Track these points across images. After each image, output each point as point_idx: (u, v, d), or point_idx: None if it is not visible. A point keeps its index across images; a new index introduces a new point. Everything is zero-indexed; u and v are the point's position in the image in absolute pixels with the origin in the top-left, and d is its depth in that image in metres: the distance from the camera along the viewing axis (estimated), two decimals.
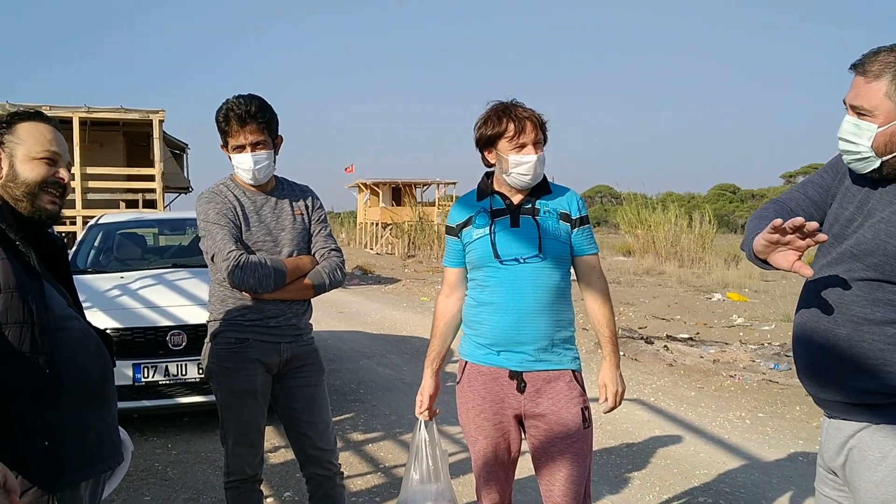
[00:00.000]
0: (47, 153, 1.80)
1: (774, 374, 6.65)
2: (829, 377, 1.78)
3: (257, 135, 2.60)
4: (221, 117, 2.60)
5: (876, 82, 1.66)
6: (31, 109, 1.88)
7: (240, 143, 2.60)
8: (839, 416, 1.80)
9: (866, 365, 1.70)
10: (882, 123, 1.66)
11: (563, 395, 2.29)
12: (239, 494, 2.75)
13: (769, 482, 4.07)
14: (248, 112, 2.57)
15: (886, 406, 1.69)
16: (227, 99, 2.61)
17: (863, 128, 1.69)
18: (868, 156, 1.70)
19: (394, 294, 14.76)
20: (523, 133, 2.25)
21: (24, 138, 1.79)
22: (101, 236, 6.35)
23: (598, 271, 2.40)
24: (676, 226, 19.88)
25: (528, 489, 3.77)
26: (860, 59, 1.70)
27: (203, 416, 5.23)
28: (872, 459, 1.70)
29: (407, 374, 6.84)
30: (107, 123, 16.00)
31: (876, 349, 1.69)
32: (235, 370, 2.63)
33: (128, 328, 4.70)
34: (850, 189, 1.83)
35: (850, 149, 1.73)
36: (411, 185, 35.14)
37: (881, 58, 1.66)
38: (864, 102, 1.68)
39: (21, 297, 1.64)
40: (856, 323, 1.72)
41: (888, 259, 1.67)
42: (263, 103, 2.62)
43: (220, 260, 2.54)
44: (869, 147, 1.68)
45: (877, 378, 1.68)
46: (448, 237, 2.45)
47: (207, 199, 2.66)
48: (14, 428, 1.62)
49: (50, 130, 1.83)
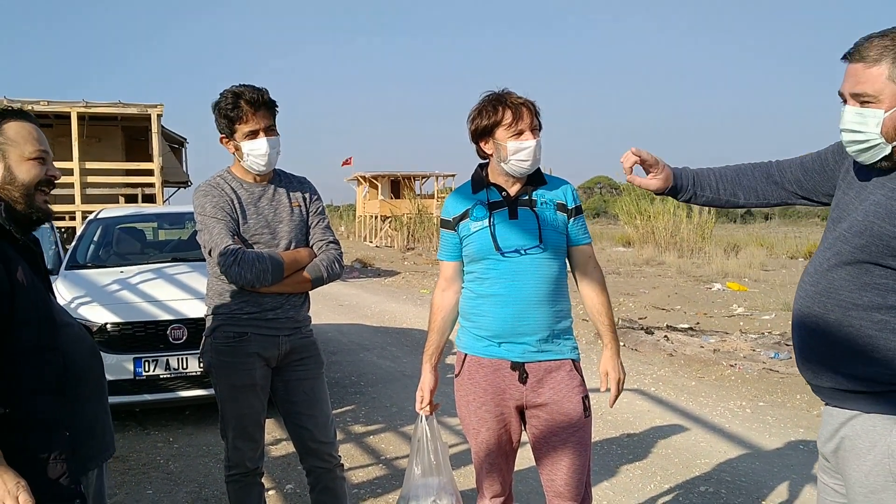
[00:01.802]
0: (38, 152, 1.81)
1: (775, 363, 6.66)
2: (821, 363, 1.78)
3: (269, 119, 2.61)
4: (230, 105, 2.55)
5: (876, 66, 1.61)
6: (9, 108, 1.88)
7: (253, 128, 2.57)
8: (833, 404, 1.80)
9: (855, 351, 1.69)
10: (889, 107, 1.61)
11: (564, 385, 2.29)
12: (240, 488, 2.75)
13: (770, 471, 4.08)
14: (261, 97, 2.57)
15: (878, 395, 1.68)
16: (228, 88, 2.58)
17: (868, 115, 1.64)
18: (877, 143, 1.64)
19: (393, 286, 14.77)
20: (521, 119, 2.25)
21: (14, 139, 1.79)
22: (100, 231, 6.34)
23: (593, 260, 2.41)
24: (676, 216, 19.88)
25: (529, 479, 3.78)
26: (853, 48, 1.66)
27: (205, 409, 5.23)
28: (862, 448, 1.70)
29: (407, 367, 6.85)
30: (105, 118, 15.98)
31: (864, 335, 1.68)
32: (234, 364, 2.62)
33: (128, 322, 4.70)
34: (851, 174, 1.81)
35: (856, 139, 1.67)
36: (410, 177, 35.10)
37: (876, 42, 1.62)
38: (867, 88, 1.63)
39: (34, 295, 1.71)
40: (844, 308, 1.71)
41: (874, 240, 1.65)
42: (267, 90, 2.62)
43: (217, 254, 2.53)
44: (878, 134, 1.63)
45: (866, 364, 1.67)
46: (444, 230, 2.43)
47: (204, 193, 2.63)
48: (38, 421, 1.68)
49: (34, 129, 1.83)
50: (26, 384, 1.67)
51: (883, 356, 1.65)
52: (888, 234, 1.63)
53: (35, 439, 1.67)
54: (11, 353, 1.65)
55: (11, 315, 1.64)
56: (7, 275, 1.64)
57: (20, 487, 1.53)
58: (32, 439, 1.67)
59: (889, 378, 1.65)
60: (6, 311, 1.63)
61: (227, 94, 2.58)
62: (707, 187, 2.12)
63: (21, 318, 1.66)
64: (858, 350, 1.68)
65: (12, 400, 1.63)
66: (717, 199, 2.13)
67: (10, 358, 1.65)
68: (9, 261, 1.67)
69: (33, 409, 1.68)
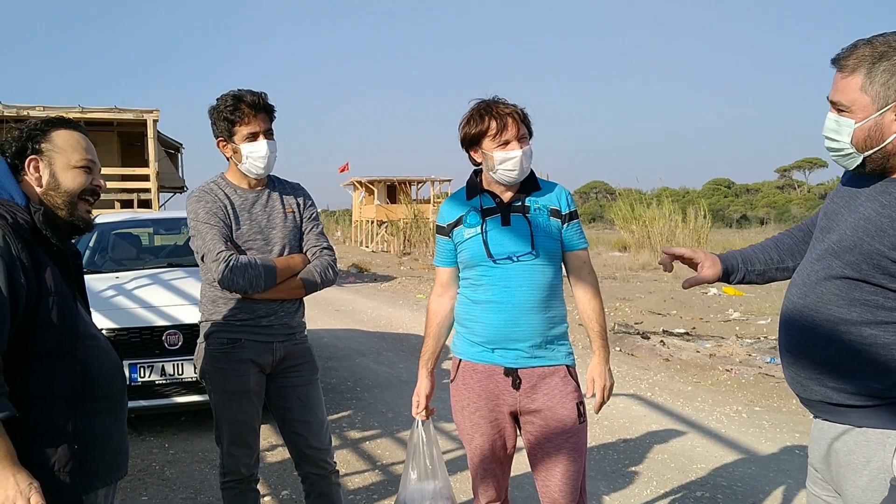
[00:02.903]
0: (85, 161, 1.83)
1: (771, 367, 6.67)
2: (810, 377, 1.76)
3: (267, 123, 2.63)
4: (229, 107, 2.57)
5: (851, 77, 1.62)
6: (60, 117, 1.92)
7: (254, 130, 2.59)
8: (823, 417, 1.78)
9: (844, 365, 1.67)
10: (859, 119, 1.63)
11: (558, 391, 2.29)
12: (236, 495, 2.74)
13: (766, 475, 4.09)
14: (261, 100, 2.60)
15: (869, 408, 1.66)
16: (226, 93, 2.60)
17: (842, 124, 1.66)
18: (850, 152, 1.67)
19: (389, 292, 14.76)
20: (505, 130, 2.26)
21: (62, 147, 1.81)
22: (96, 236, 6.32)
23: (588, 266, 2.41)
24: (671, 221, 19.88)
25: (525, 485, 3.77)
26: (838, 54, 1.67)
27: (200, 415, 5.22)
28: (857, 464, 1.68)
29: (403, 372, 6.85)
30: (101, 123, 15.94)
31: (854, 350, 1.66)
32: (228, 370, 2.62)
33: (123, 328, 4.69)
34: (846, 178, 1.82)
35: (833, 146, 1.70)
36: (406, 182, 35.10)
37: (858, 52, 1.62)
38: (842, 98, 1.65)
39: (61, 302, 1.70)
40: (833, 323, 1.69)
41: (864, 258, 1.64)
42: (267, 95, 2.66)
43: (209, 260, 2.52)
44: (849, 143, 1.66)
45: (856, 379, 1.66)
46: (439, 237, 2.45)
47: (198, 198, 2.63)
48: (45, 429, 1.67)
49: (83, 138, 1.86)
50: (37, 388, 1.66)
51: (873, 370, 1.64)
52: (877, 253, 1.62)
53: (40, 446, 1.65)
54: (27, 355, 1.64)
55: (34, 316, 1.65)
56: (35, 277, 1.65)
57: (33, 489, 1.52)
58: (38, 446, 1.65)
59: (879, 392, 1.64)
60: (30, 310, 1.63)
61: (226, 97, 2.59)
62: (756, 261, 2.11)
63: (41, 320, 1.65)
64: (847, 364, 1.67)
65: (23, 403, 1.60)
66: (769, 270, 2.10)
67: (25, 360, 1.64)
68: (39, 264, 1.68)
69: (42, 415, 1.66)
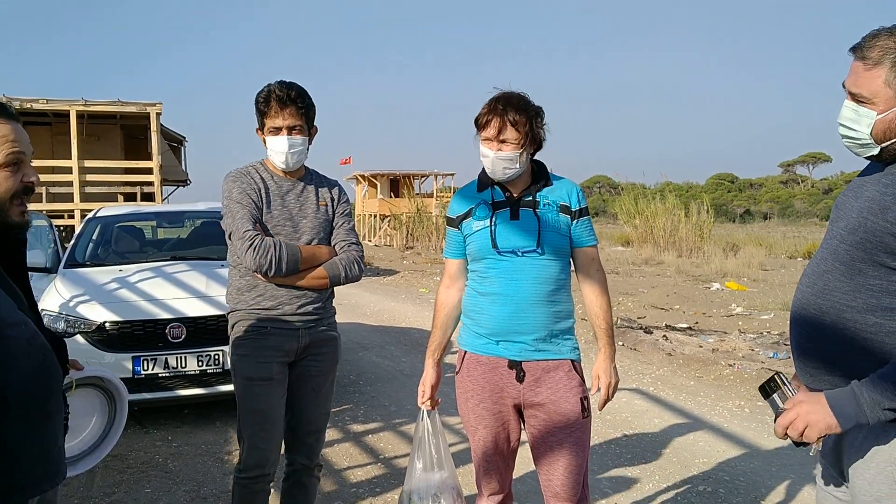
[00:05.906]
0: (12, 156, 1.47)
1: (773, 362, 6.66)
2: (818, 366, 1.76)
3: (295, 119, 2.63)
4: (262, 98, 2.63)
5: (875, 69, 1.62)
6: None
7: (277, 125, 2.61)
8: None
9: (851, 354, 1.67)
10: (881, 111, 1.63)
11: (562, 385, 2.29)
12: (248, 493, 2.70)
13: (768, 470, 4.09)
14: (288, 95, 2.60)
15: None
16: (269, 83, 2.65)
17: (862, 114, 1.66)
18: (867, 142, 1.67)
19: (392, 286, 14.77)
20: (487, 127, 2.25)
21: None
22: (99, 229, 6.33)
23: (596, 263, 2.40)
24: (675, 215, 19.86)
25: (528, 479, 3.78)
26: (859, 43, 1.66)
27: (203, 408, 5.23)
28: (864, 456, 1.68)
29: (406, 366, 6.85)
30: (104, 117, 15.97)
31: (860, 338, 1.65)
32: (252, 357, 2.63)
33: (126, 321, 4.70)
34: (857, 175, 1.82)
35: (849, 134, 1.70)
36: (409, 176, 35.10)
37: (881, 42, 1.62)
38: (863, 90, 1.65)
39: None
40: (839, 310, 1.69)
41: (868, 236, 1.64)
42: (304, 90, 2.66)
43: (235, 238, 2.57)
44: (868, 134, 1.66)
45: (862, 368, 1.64)
46: (449, 229, 2.46)
47: (234, 178, 2.67)
48: None
49: (7, 126, 1.48)
50: None
51: (879, 360, 1.62)
52: (881, 230, 1.61)
53: None
54: None
55: None
56: None
57: None
58: None
59: None
60: None
61: (264, 88, 2.64)
62: None
63: None
64: (854, 353, 1.66)
65: None
66: None
67: None
68: None
69: None
